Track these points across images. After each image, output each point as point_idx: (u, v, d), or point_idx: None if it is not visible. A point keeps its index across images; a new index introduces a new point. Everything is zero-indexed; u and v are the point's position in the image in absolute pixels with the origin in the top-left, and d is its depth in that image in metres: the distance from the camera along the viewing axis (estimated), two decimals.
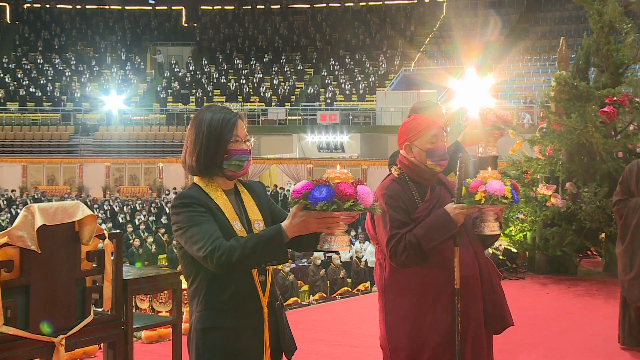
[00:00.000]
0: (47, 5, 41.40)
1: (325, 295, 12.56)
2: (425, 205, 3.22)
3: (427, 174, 3.25)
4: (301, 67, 35.43)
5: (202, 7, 41.66)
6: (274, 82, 34.11)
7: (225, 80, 34.68)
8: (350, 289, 12.64)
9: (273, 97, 33.09)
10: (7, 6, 40.94)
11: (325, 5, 40.27)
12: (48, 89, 34.07)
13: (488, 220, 3.14)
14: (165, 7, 41.98)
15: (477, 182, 3.07)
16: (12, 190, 26.57)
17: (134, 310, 3.95)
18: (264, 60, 36.29)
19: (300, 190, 2.36)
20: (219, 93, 33.73)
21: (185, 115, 31.43)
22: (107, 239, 3.47)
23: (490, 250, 8.58)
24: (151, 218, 22.01)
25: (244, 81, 34.36)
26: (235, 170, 2.60)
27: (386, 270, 3.30)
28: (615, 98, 8.11)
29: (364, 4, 39.84)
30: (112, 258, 3.52)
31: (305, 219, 2.35)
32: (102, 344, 3.78)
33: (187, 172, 2.69)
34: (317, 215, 2.33)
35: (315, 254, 15.02)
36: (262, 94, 33.31)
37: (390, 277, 3.28)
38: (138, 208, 23.52)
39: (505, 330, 3.35)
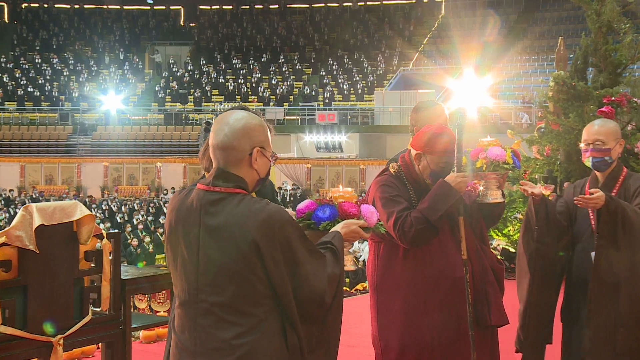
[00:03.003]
0: (45, 5, 41.33)
1: None
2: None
3: (421, 185, 3.26)
4: (299, 67, 35.40)
5: (201, 7, 41.60)
6: (272, 81, 34.07)
7: (223, 80, 34.65)
8: (348, 289, 12.62)
9: (271, 97, 33.06)
10: (5, 6, 40.87)
11: (323, 5, 40.22)
12: (46, 88, 34.02)
13: (490, 188, 3.15)
14: (164, 7, 41.93)
15: (477, 150, 3.09)
16: (10, 190, 26.52)
17: (132, 310, 3.94)
18: (262, 60, 36.24)
19: (303, 210, 2.33)
20: (217, 93, 33.70)
21: (183, 115, 31.39)
22: (105, 239, 3.47)
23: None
24: (149, 218, 21.99)
25: (242, 81, 34.31)
26: None
27: (378, 269, 3.30)
28: (613, 98, 8.10)
29: (362, 3, 39.80)
30: (110, 258, 3.52)
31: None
32: (100, 344, 3.77)
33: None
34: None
35: None
36: (260, 94, 33.28)
37: (382, 275, 3.29)
38: (136, 208, 23.50)
39: (501, 327, 3.35)
